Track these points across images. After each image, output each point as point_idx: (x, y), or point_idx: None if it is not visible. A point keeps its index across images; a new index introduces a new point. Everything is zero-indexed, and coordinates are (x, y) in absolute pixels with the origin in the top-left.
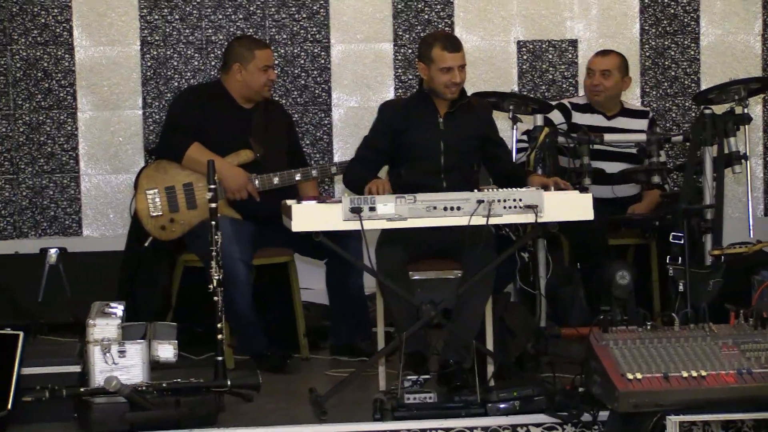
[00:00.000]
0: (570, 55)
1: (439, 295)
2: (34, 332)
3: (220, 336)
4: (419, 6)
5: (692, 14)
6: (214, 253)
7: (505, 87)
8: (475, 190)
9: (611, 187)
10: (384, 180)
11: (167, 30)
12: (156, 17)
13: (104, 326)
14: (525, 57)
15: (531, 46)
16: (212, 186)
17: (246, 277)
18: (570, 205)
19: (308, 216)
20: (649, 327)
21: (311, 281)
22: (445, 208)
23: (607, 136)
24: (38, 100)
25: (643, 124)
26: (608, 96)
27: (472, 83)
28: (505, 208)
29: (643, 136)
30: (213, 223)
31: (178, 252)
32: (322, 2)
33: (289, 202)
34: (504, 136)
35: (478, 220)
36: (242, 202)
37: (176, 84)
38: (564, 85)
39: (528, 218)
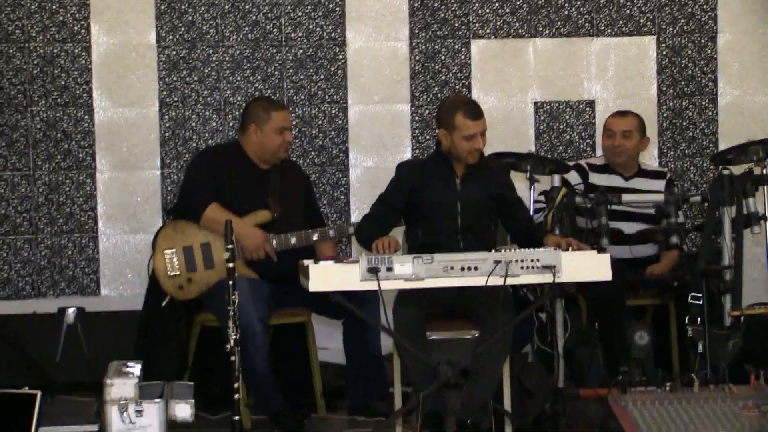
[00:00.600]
0: (587, 116)
1: (456, 355)
2: (51, 392)
3: (236, 396)
4: (436, 67)
5: (710, 75)
6: (231, 313)
7: (522, 147)
8: (493, 250)
9: (629, 247)
10: (391, 237)
11: (186, 91)
12: (175, 79)
13: (122, 385)
14: (542, 118)
15: (548, 107)
16: (230, 246)
17: (263, 336)
18: (588, 266)
19: (325, 276)
20: (668, 388)
21: (328, 341)
22: (463, 269)
23: (625, 197)
24: (58, 161)
25: (660, 185)
26: (629, 156)
27: (489, 144)
28: (522, 268)
29: (661, 197)
30: (230, 282)
31: (196, 311)
32: (339, 63)
33: (306, 262)
34: (521, 197)
35: (496, 281)
36: (259, 262)
37: (194, 144)
38: (581, 146)
39: (546, 278)
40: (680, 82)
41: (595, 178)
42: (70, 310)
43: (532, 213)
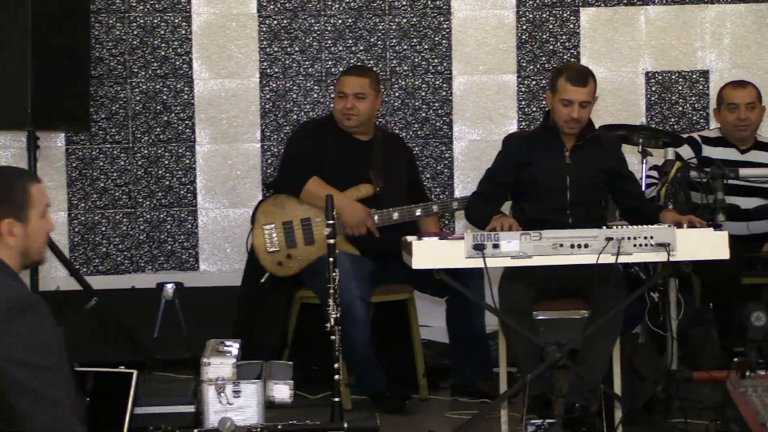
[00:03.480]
0: (701, 87)
1: (564, 335)
2: (150, 368)
3: (336, 377)
4: (544, 36)
5: None
6: (331, 291)
7: (632, 119)
8: (604, 227)
9: (746, 223)
10: (509, 217)
11: (287, 62)
12: (276, 49)
13: (219, 365)
14: (654, 89)
15: (660, 78)
16: (330, 222)
17: (364, 314)
18: (704, 244)
19: (429, 253)
20: None
21: (430, 318)
22: (572, 246)
23: (743, 170)
24: (157, 133)
25: None
26: (753, 130)
27: (599, 116)
28: (635, 246)
29: None
30: (331, 259)
31: (296, 288)
32: (444, 33)
33: (409, 238)
34: (633, 170)
35: (607, 259)
36: (361, 238)
37: (295, 117)
38: (694, 118)
39: (659, 257)
40: None
41: (709, 152)
42: (169, 286)
43: (644, 188)
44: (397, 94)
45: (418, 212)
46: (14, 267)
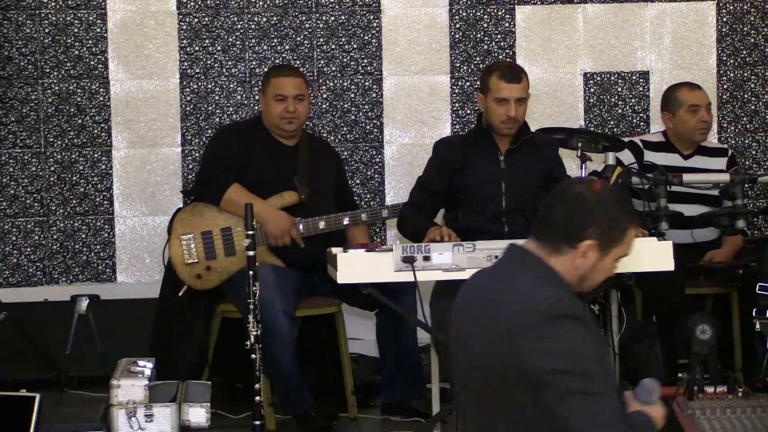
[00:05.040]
0: (641, 88)
1: None
2: (62, 386)
3: (258, 398)
4: (478, 36)
5: None
6: (251, 306)
7: (570, 122)
8: None
9: (690, 231)
10: (446, 228)
11: (208, 62)
12: (197, 48)
13: (130, 387)
14: (592, 90)
15: (599, 78)
16: (250, 232)
17: (289, 329)
18: (648, 254)
19: (356, 266)
20: (740, 394)
21: (361, 331)
22: None
23: (687, 177)
24: (71, 137)
25: (721, 162)
26: (708, 132)
27: (534, 118)
28: None
29: (726, 176)
30: (251, 272)
31: (216, 302)
32: (374, 32)
33: (334, 250)
34: (571, 176)
35: None
36: (285, 249)
37: (217, 120)
38: (635, 121)
39: None
40: (742, 50)
41: (651, 157)
42: (82, 300)
43: None
44: (324, 96)
45: (345, 221)
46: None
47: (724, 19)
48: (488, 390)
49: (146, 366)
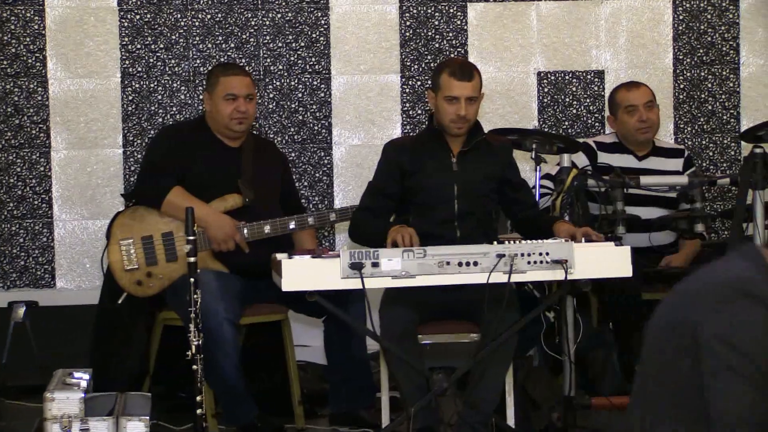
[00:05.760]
0: (596, 88)
1: (452, 361)
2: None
3: (199, 411)
4: (429, 34)
5: (731, 42)
6: (192, 315)
7: (524, 122)
8: (495, 242)
9: (648, 235)
10: (408, 228)
11: (151, 60)
12: (138, 46)
13: (65, 400)
14: (546, 90)
15: (553, 78)
16: (190, 237)
17: (232, 338)
18: (605, 260)
19: (301, 273)
20: None
21: (309, 338)
22: (460, 264)
23: (644, 179)
24: (8, 138)
25: (677, 164)
26: (654, 131)
27: (487, 119)
28: (529, 263)
29: (683, 179)
30: (192, 280)
31: (158, 309)
32: (322, 29)
33: (279, 256)
34: (525, 178)
35: (499, 278)
36: (229, 254)
37: (160, 120)
38: (589, 121)
39: (556, 275)
40: (698, 49)
41: (605, 158)
42: (20, 308)
43: (537, 198)
44: (271, 96)
45: (292, 225)
46: None
47: (681, 17)
48: (657, 348)
49: (82, 378)
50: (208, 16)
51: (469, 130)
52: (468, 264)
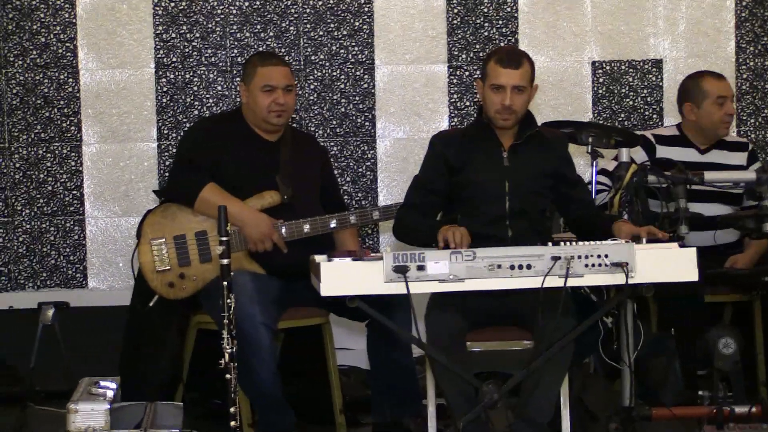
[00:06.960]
0: (654, 78)
1: (504, 370)
2: (27, 402)
3: (233, 423)
4: (478, 21)
5: None
6: (226, 321)
7: (577, 115)
8: (549, 243)
9: (713, 233)
10: (459, 227)
11: (186, 50)
12: (173, 35)
13: (89, 412)
14: (601, 80)
15: (608, 68)
16: (224, 238)
17: (269, 343)
18: (668, 263)
19: (341, 277)
20: None
21: (353, 341)
22: (512, 267)
23: (709, 175)
24: (37, 131)
25: (741, 157)
26: None
27: (539, 111)
28: (587, 266)
29: (751, 174)
30: (225, 283)
31: (192, 312)
32: (365, 18)
33: (317, 258)
34: (580, 174)
35: (554, 282)
36: (266, 255)
37: (196, 112)
38: (647, 113)
39: (616, 279)
40: (762, 37)
41: (664, 152)
42: (49, 310)
43: (593, 195)
44: (312, 87)
45: (333, 224)
46: None
47: (744, 3)
48: None
49: (108, 387)
50: (246, 4)
51: (521, 123)
52: (521, 267)
